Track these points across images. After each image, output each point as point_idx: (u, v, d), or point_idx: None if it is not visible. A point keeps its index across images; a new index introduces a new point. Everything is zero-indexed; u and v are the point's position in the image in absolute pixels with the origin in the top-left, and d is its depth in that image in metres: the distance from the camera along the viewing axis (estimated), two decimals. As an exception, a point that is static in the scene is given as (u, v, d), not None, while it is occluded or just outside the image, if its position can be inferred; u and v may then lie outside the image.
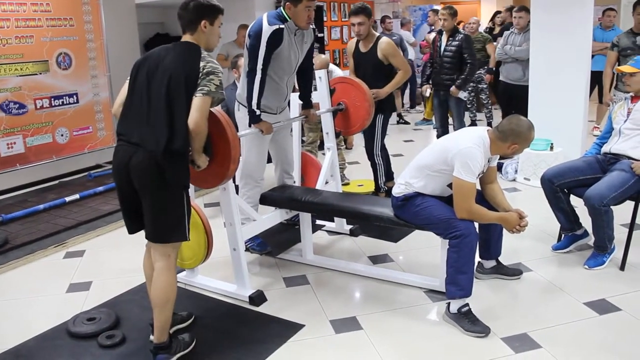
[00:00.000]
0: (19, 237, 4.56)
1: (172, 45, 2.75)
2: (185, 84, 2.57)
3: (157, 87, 2.59)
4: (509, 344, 2.87)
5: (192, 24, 2.72)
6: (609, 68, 5.60)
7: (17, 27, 5.37)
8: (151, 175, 2.58)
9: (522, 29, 6.34)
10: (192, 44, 2.71)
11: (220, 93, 2.65)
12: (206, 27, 2.74)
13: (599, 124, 7.45)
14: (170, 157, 2.57)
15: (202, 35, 2.75)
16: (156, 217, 2.67)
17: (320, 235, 4.46)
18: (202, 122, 2.62)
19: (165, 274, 2.72)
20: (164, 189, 2.63)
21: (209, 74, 2.61)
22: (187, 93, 2.57)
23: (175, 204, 2.69)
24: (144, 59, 2.74)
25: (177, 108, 2.56)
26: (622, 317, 3.10)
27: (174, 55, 2.65)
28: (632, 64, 3.78)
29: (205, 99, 2.59)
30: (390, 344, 2.95)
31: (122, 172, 2.67)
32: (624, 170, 3.58)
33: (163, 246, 2.73)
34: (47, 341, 3.09)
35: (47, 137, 5.75)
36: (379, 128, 4.89)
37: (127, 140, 2.65)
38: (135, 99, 2.67)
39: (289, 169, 4.20)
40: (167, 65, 2.61)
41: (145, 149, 2.58)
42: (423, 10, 11.73)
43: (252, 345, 2.96)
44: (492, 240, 3.50)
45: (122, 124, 2.73)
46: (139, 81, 2.67)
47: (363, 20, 4.70)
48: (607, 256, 3.70)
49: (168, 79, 2.57)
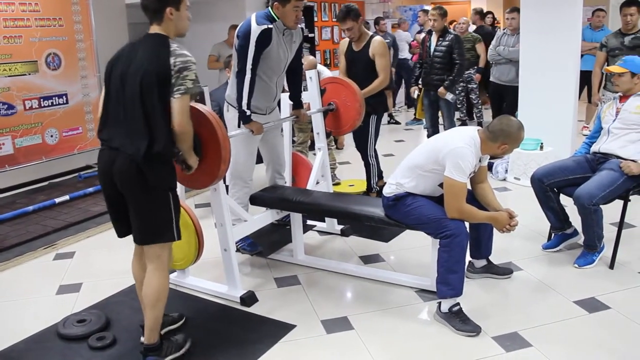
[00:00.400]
0: (8, 239, 4.53)
1: (140, 40, 2.65)
2: (158, 82, 2.49)
3: (131, 89, 2.52)
4: (499, 342, 2.88)
5: (158, 13, 2.62)
6: (597, 68, 5.64)
7: (5, 27, 5.33)
8: (134, 179, 2.55)
9: (514, 30, 6.36)
10: (159, 38, 2.60)
11: (197, 87, 2.60)
12: (172, 14, 2.63)
13: (588, 123, 7.50)
14: (151, 160, 2.53)
15: (170, 23, 2.64)
16: (142, 221, 2.65)
17: (311, 236, 4.46)
18: (187, 123, 2.58)
19: (156, 275, 2.70)
20: (148, 192, 2.59)
21: (182, 71, 2.52)
22: (160, 91, 2.50)
23: (160, 207, 2.64)
24: (116, 58, 2.66)
25: (153, 110, 2.50)
26: (612, 315, 3.12)
27: (144, 53, 2.56)
28: (620, 64, 3.81)
29: (184, 98, 2.53)
30: (382, 343, 2.95)
31: (106, 176, 2.64)
32: (613, 169, 3.60)
33: (152, 247, 2.69)
34: (37, 343, 3.07)
35: (37, 137, 5.71)
36: (372, 129, 4.92)
37: (109, 145, 2.62)
38: (112, 103, 2.62)
39: (280, 169, 4.20)
40: (139, 64, 2.53)
41: (126, 153, 2.54)
42: (414, 10, 11.76)
43: (243, 346, 2.96)
44: (483, 239, 3.51)
45: (102, 129, 2.68)
46: (114, 83, 2.60)
47: (351, 25, 4.71)
48: (597, 255, 3.72)
49: (140, 79, 2.49)
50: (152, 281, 2.71)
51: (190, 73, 2.54)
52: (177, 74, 2.52)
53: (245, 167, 3.85)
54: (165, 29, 2.64)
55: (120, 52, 2.68)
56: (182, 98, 2.53)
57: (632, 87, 3.75)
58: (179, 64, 2.52)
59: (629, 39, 5.35)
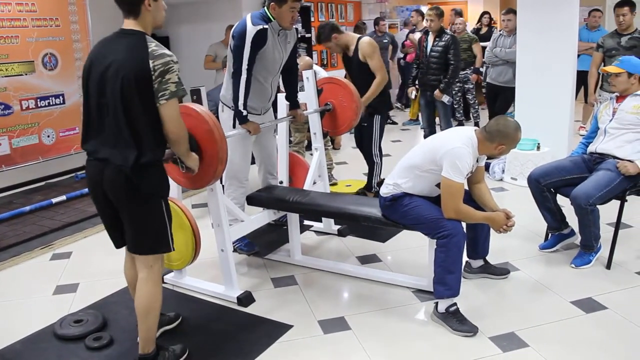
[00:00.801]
0: (4, 239, 4.53)
1: (114, 40, 2.48)
2: (138, 90, 2.35)
3: (112, 96, 2.39)
4: (496, 343, 2.89)
5: (135, 5, 2.44)
6: (594, 69, 5.65)
7: (1, 28, 5.31)
8: (124, 188, 2.46)
9: (511, 31, 6.38)
10: (135, 38, 2.42)
11: (182, 90, 2.44)
12: (151, 5, 2.46)
13: (585, 123, 7.51)
14: (140, 170, 2.43)
15: (148, 15, 2.47)
16: (136, 231, 2.57)
17: (308, 236, 4.46)
18: (179, 128, 2.48)
19: (147, 285, 2.62)
20: (141, 202, 2.51)
21: (164, 74, 2.37)
22: (142, 98, 2.37)
23: (153, 216, 2.56)
24: (89, 65, 2.50)
25: (137, 118, 2.39)
26: (609, 315, 3.13)
27: (120, 56, 2.39)
28: (617, 64, 3.82)
29: (170, 103, 2.40)
30: (379, 343, 2.95)
31: (97, 188, 2.55)
32: (610, 169, 3.61)
33: (145, 257, 2.62)
34: (33, 344, 3.07)
35: (33, 138, 5.70)
36: (376, 129, 4.96)
37: (95, 157, 2.51)
38: (93, 111, 2.50)
39: (272, 170, 4.20)
40: (115, 70, 2.38)
41: (114, 164, 2.44)
42: (410, 10, 11.76)
43: (240, 346, 2.96)
44: (480, 239, 3.51)
45: (86, 140, 2.56)
46: (92, 91, 2.48)
47: (328, 45, 4.93)
48: (594, 255, 3.73)
49: (120, 87, 2.36)
50: (143, 292, 2.63)
51: (172, 75, 2.40)
52: (159, 78, 2.37)
53: (241, 167, 3.85)
54: (142, 23, 2.48)
55: (96, 55, 2.50)
56: (168, 104, 2.40)
57: (629, 87, 3.75)
58: (159, 67, 2.37)
59: (625, 39, 5.37)
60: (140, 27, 2.47)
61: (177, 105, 2.46)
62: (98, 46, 2.54)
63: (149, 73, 2.35)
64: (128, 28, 2.47)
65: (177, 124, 2.47)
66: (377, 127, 4.96)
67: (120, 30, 2.50)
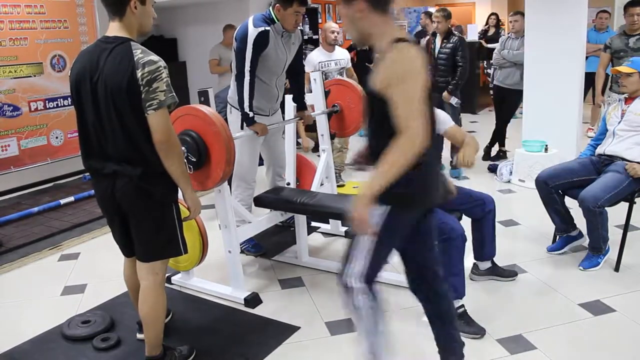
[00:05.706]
0: (13, 240, 4.55)
1: (97, 52, 2.35)
2: (128, 99, 2.27)
3: (106, 111, 2.33)
4: (504, 345, 2.88)
5: (120, 5, 2.32)
6: (601, 69, 5.63)
7: (11, 29, 5.35)
8: (139, 198, 2.43)
9: (518, 33, 6.36)
10: (121, 47, 2.31)
11: (171, 97, 2.32)
12: (137, 8, 2.35)
13: (593, 125, 7.47)
14: (150, 178, 2.40)
15: (133, 18, 2.36)
16: (149, 238, 2.53)
17: (315, 237, 4.46)
18: (168, 138, 2.34)
19: (153, 293, 2.59)
20: (156, 207, 2.48)
21: (151, 83, 2.26)
22: (132, 108, 2.29)
23: (166, 222, 2.54)
24: (77, 77, 2.41)
25: (134, 131, 2.32)
26: (617, 318, 3.11)
27: (106, 67, 2.30)
28: (628, 64, 3.80)
29: (159, 113, 2.29)
30: (385, 345, 2.94)
31: (107, 202, 2.51)
32: (618, 171, 3.60)
33: (152, 264, 2.57)
34: (41, 344, 3.08)
35: (42, 139, 5.73)
36: None
37: (100, 174, 2.48)
38: (90, 128, 2.44)
39: (281, 171, 4.21)
40: (104, 82, 2.29)
41: (125, 174, 2.39)
42: (418, 12, 11.75)
43: (247, 348, 2.96)
44: (487, 241, 3.50)
45: (88, 158, 2.52)
46: (87, 106, 2.40)
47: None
48: (602, 257, 3.71)
49: (112, 100, 2.29)
50: (149, 301, 2.59)
51: (160, 84, 2.28)
52: (146, 88, 2.26)
53: (249, 169, 3.86)
54: (127, 26, 2.36)
55: (78, 71, 2.41)
56: (156, 113, 2.29)
57: (639, 88, 3.74)
58: (146, 76, 2.26)
59: (633, 40, 5.34)
60: (125, 31, 2.37)
61: (166, 114, 2.34)
62: (81, 60, 2.43)
63: (136, 83, 2.26)
64: (112, 35, 2.36)
65: (166, 134, 2.33)
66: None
67: (104, 38, 2.39)
